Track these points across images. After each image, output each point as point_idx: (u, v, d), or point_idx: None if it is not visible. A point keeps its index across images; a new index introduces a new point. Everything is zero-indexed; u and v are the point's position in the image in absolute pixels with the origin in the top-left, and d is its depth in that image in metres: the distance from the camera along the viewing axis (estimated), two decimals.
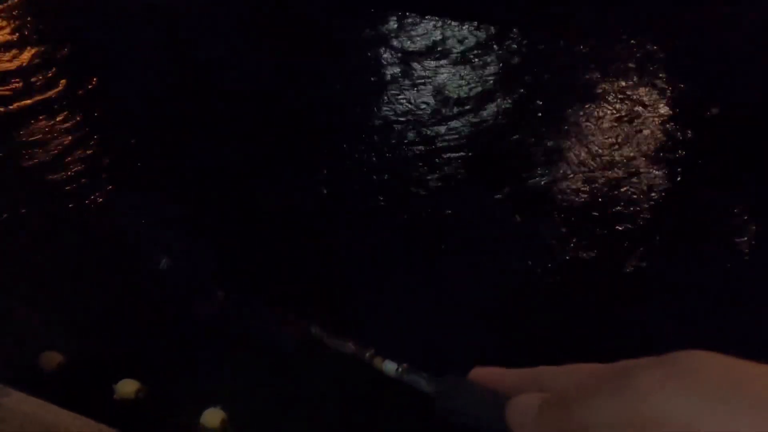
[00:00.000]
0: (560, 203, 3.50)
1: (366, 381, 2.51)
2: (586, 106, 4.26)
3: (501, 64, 4.79)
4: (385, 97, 4.47)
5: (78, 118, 4.23)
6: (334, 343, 0.52)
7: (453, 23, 5.29)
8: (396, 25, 5.34)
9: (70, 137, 4.04)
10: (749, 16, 4.88)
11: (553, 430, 0.35)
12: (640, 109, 4.21)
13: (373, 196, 3.61)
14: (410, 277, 3.10)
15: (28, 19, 5.59)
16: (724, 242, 3.26)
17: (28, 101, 4.38)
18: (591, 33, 4.99)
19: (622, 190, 3.58)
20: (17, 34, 5.29)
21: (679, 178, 3.67)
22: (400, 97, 4.46)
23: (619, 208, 3.48)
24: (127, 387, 2.43)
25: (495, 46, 4.99)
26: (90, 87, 4.64)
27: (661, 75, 4.53)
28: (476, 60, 4.82)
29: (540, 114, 4.25)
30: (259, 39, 5.16)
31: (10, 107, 4.31)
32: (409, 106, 4.36)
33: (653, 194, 3.55)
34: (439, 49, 4.99)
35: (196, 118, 4.29)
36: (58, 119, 4.21)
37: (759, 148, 3.85)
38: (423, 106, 4.35)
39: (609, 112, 4.20)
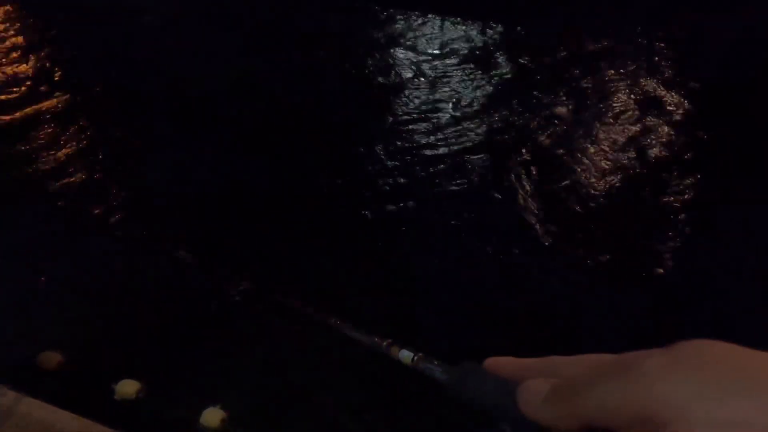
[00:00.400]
0: (570, 203, 3.49)
1: (366, 382, 2.51)
2: (594, 104, 4.26)
3: (507, 63, 4.78)
4: (390, 97, 4.46)
5: (81, 123, 4.23)
6: (353, 333, 0.53)
7: (458, 22, 5.29)
8: (401, 25, 5.34)
9: (71, 139, 4.05)
10: (753, 14, 4.87)
11: (561, 412, 0.37)
12: (650, 107, 4.20)
13: (377, 195, 3.61)
14: (425, 274, 3.10)
15: (29, 22, 5.59)
16: (727, 242, 3.25)
17: (33, 106, 4.38)
18: (596, 32, 4.98)
19: (631, 189, 3.57)
20: (19, 38, 5.30)
21: (688, 179, 3.66)
22: (404, 96, 4.46)
23: (626, 207, 3.47)
24: (127, 387, 2.43)
25: (500, 45, 4.98)
26: (95, 90, 4.64)
27: (670, 73, 4.51)
28: (482, 59, 4.81)
29: (547, 113, 4.23)
30: (261, 39, 5.16)
31: (14, 113, 4.31)
32: (415, 105, 4.35)
33: (662, 193, 3.54)
34: (444, 48, 4.99)
35: (202, 118, 4.29)
36: (61, 123, 4.21)
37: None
38: (429, 105, 4.34)
39: (616, 110, 4.19)
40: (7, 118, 4.25)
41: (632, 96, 4.33)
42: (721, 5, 4.93)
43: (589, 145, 3.89)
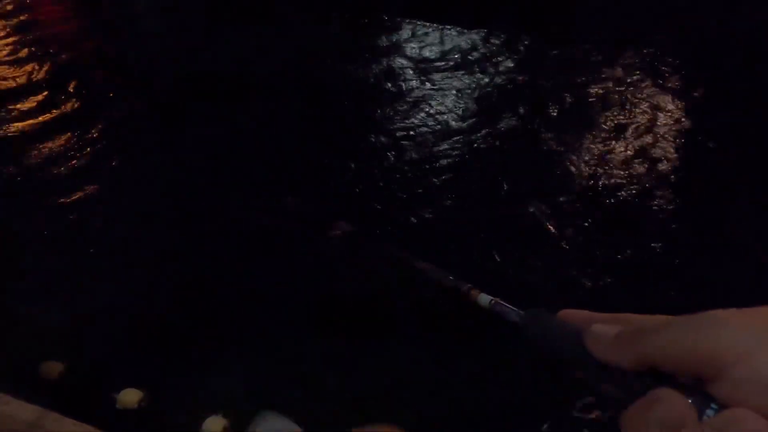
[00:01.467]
0: (572, 203, 3.49)
1: (368, 385, 2.51)
2: (596, 106, 4.28)
3: (510, 73, 4.80)
4: (393, 105, 4.47)
5: (89, 125, 4.25)
6: (438, 275, 0.58)
7: (462, 32, 5.31)
8: (408, 34, 5.37)
9: (76, 145, 4.06)
10: (749, 19, 4.90)
11: (626, 352, 0.38)
12: (650, 109, 4.20)
13: (379, 198, 3.61)
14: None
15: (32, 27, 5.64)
16: (728, 242, 3.26)
17: (39, 116, 4.41)
18: (596, 41, 5.01)
19: (632, 190, 3.58)
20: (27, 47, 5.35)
21: (689, 179, 3.67)
22: (407, 104, 4.47)
23: (628, 207, 3.48)
24: (129, 396, 2.43)
25: (505, 54, 5.00)
26: (107, 94, 4.68)
27: (677, 82, 4.52)
28: (486, 69, 4.83)
29: (550, 122, 4.23)
30: (270, 45, 5.18)
31: (26, 121, 4.35)
32: (415, 112, 4.36)
33: (663, 193, 3.55)
34: (447, 57, 5.01)
35: (211, 121, 4.31)
36: (67, 128, 4.24)
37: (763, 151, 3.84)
38: (431, 112, 4.35)
39: (617, 112, 4.21)
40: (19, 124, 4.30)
41: (634, 97, 4.35)
42: (724, 5, 4.97)
43: (591, 147, 3.90)
